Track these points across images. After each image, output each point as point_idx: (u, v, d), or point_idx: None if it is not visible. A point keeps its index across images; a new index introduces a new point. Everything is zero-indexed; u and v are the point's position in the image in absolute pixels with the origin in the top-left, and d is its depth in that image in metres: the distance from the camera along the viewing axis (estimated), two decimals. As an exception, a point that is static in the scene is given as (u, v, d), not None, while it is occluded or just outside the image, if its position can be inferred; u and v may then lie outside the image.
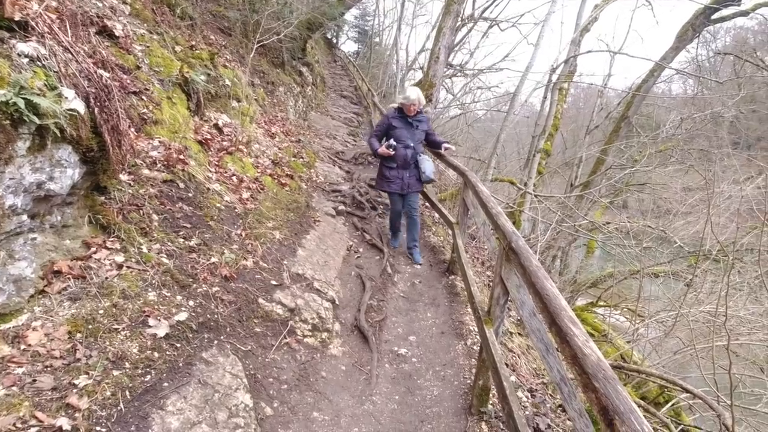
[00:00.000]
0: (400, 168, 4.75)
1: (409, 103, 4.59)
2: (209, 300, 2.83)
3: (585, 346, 1.37)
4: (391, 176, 4.77)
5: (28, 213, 2.13)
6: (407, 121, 4.72)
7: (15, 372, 1.86)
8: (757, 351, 5.66)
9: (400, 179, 4.76)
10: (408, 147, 4.70)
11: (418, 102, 4.63)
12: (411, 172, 4.80)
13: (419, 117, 4.78)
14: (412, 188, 4.84)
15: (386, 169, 4.80)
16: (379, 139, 4.81)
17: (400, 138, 4.67)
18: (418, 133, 4.76)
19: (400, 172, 4.76)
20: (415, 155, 4.79)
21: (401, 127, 4.70)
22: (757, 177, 7.52)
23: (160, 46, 4.55)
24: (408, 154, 4.72)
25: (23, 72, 2.06)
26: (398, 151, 4.68)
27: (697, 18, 9.67)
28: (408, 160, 4.74)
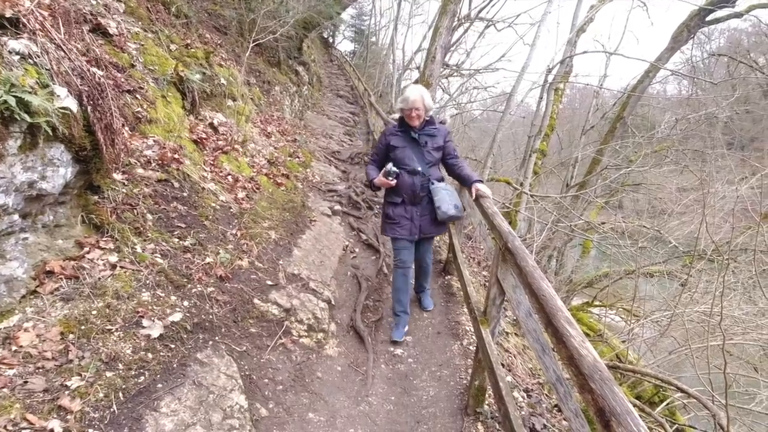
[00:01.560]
0: (407, 204, 3.34)
1: (409, 106, 3.16)
2: (204, 300, 2.81)
3: (581, 347, 1.36)
4: (396, 216, 3.35)
5: (19, 212, 2.11)
6: (411, 137, 3.28)
7: (6, 374, 1.84)
8: (751, 350, 5.69)
9: (408, 220, 3.35)
10: (414, 173, 3.26)
11: (423, 105, 3.18)
12: (424, 208, 3.36)
13: (429, 129, 3.31)
14: (427, 232, 3.42)
15: (389, 206, 3.41)
16: (379, 165, 3.38)
17: (402, 161, 3.27)
18: (428, 152, 3.30)
19: (408, 210, 3.35)
20: (427, 184, 3.32)
21: (403, 145, 3.30)
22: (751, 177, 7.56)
23: (154, 44, 4.52)
24: (416, 183, 3.27)
25: (14, 69, 2.04)
26: (401, 180, 3.26)
27: (692, 19, 9.73)
28: (417, 192, 3.29)
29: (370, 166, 3.44)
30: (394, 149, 3.30)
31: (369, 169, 3.43)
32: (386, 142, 3.35)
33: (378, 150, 3.44)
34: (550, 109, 10.34)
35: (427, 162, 3.29)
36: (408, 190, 3.29)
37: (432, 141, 3.31)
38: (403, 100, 3.21)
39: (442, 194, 3.28)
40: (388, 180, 3.20)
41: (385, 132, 3.45)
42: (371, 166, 3.44)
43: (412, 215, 3.35)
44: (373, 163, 3.44)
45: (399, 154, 3.28)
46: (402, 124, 3.32)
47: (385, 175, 3.19)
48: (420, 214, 3.36)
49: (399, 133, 3.32)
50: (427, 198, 3.34)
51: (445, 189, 3.32)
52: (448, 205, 3.26)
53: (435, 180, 3.34)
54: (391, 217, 3.38)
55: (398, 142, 3.30)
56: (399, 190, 3.31)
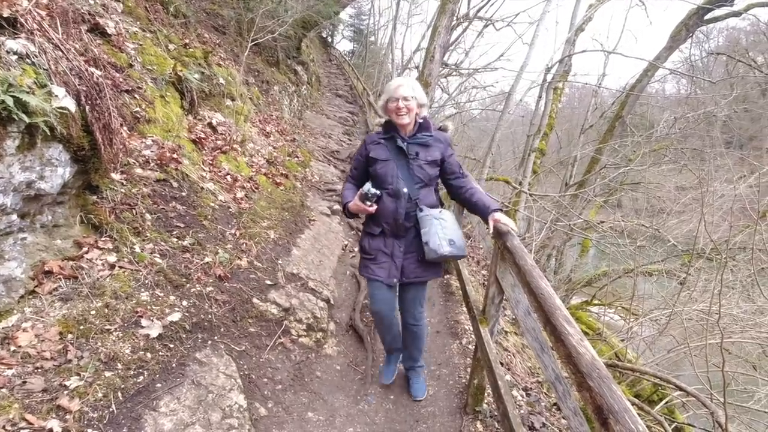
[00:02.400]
0: (388, 235, 2.53)
1: (395, 95, 2.39)
2: (203, 300, 2.81)
3: (579, 345, 1.37)
4: (372, 250, 2.57)
5: (17, 212, 2.11)
6: (397, 146, 2.46)
7: (5, 374, 1.84)
8: (749, 349, 5.71)
9: (387, 257, 2.54)
10: (397, 195, 2.44)
11: (414, 98, 2.41)
12: (410, 243, 2.53)
13: (422, 137, 2.48)
14: (412, 275, 2.56)
15: (365, 237, 2.62)
16: (359, 183, 2.61)
17: (383, 179, 2.46)
18: (418, 167, 2.46)
19: (388, 244, 2.54)
20: (415, 211, 2.48)
21: (386, 158, 2.47)
22: (750, 176, 7.58)
23: (153, 44, 4.51)
24: (399, 209, 2.45)
25: (12, 69, 2.03)
26: (382, 204, 2.46)
27: (691, 18, 9.73)
28: (400, 221, 2.46)
29: (347, 185, 2.64)
30: (374, 163, 2.48)
31: (345, 189, 2.63)
32: (365, 153, 2.53)
33: (356, 164, 2.62)
34: (549, 108, 10.34)
35: (416, 181, 2.43)
36: (389, 218, 2.45)
37: (425, 152, 2.44)
38: (385, 90, 2.46)
39: (432, 225, 2.40)
40: (364, 205, 2.38)
41: (365, 140, 2.61)
42: (348, 184, 2.64)
43: (393, 251, 2.51)
44: (351, 181, 2.65)
45: (380, 170, 2.45)
46: (387, 129, 2.50)
47: (362, 199, 2.37)
48: (404, 250, 2.51)
49: (382, 142, 2.48)
50: (415, 230, 2.49)
51: (437, 218, 2.42)
52: (440, 241, 2.37)
53: (426, 206, 2.46)
54: (367, 252, 2.57)
55: (380, 154, 2.46)
56: (378, 218, 2.48)
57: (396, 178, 2.44)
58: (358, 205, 2.42)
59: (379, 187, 2.44)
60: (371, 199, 2.38)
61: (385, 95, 2.45)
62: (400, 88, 2.38)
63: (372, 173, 2.52)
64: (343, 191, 2.65)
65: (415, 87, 2.44)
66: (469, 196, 2.52)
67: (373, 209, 2.41)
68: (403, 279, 2.55)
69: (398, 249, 2.53)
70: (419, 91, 2.45)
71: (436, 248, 2.38)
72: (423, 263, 2.53)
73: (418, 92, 2.44)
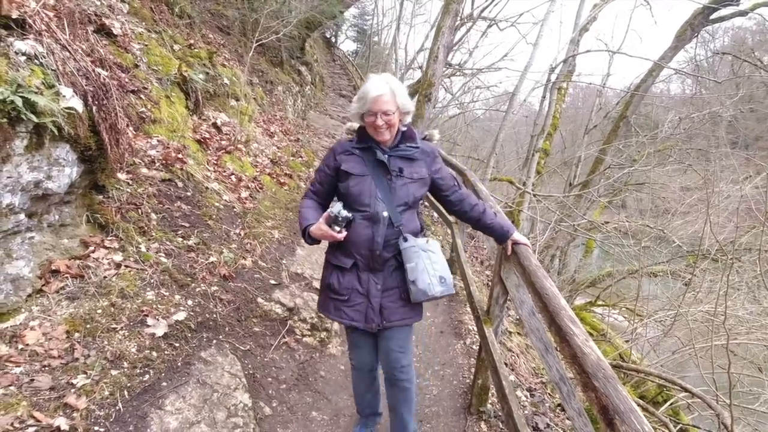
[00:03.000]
0: (362, 269, 2.00)
1: (373, 107, 1.88)
2: (208, 299, 2.82)
3: (584, 346, 1.36)
4: (342, 289, 2.02)
5: (25, 212, 2.13)
6: (375, 160, 1.97)
7: (13, 371, 1.85)
8: (755, 350, 5.68)
9: (362, 296, 2.01)
10: (375, 219, 1.95)
11: (395, 104, 1.91)
12: (389, 278, 2.02)
13: (406, 149, 2.00)
14: (393, 318, 2.03)
15: (333, 271, 2.06)
16: (322, 201, 2.11)
17: (357, 199, 1.96)
18: (402, 186, 1.97)
19: (363, 280, 2.01)
20: (396, 239, 1.99)
21: (362, 172, 1.98)
22: (756, 176, 7.54)
23: (158, 44, 4.54)
24: (377, 238, 1.95)
25: (21, 70, 2.05)
26: (354, 231, 1.95)
27: (696, 18, 9.68)
28: (378, 252, 1.96)
29: (308, 202, 2.08)
30: (346, 178, 1.96)
31: (304, 208, 2.05)
32: (334, 164, 2.00)
33: (321, 177, 2.05)
34: (553, 109, 10.32)
35: (398, 204, 1.94)
36: (364, 249, 1.93)
37: (410, 168, 1.97)
38: (360, 96, 1.91)
39: (420, 260, 1.93)
40: (332, 230, 1.85)
41: (334, 149, 2.05)
42: (309, 201, 2.08)
43: (369, 289, 1.97)
44: (313, 198, 2.09)
45: (354, 188, 1.93)
46: (362, 137, 1.99)
47: (329, 222, 1.86)
48: (382, 287, 1.98)
49: (356, 153, 1.98)
50: (396, 262, 1.99)
51: (425, 250, 1.95)
52: (430, 279, 1.92)
53: (409, 233, 1.97)
54: (335, 290, 2.01)
55: (354, 167, 1.95)
56: (349, 248, 1.95)
57: (374, 199, 1.92)
58: (324, 230, 1.86)
59: (351, 208, 1.92)
60: (341, 224, 1.85)
61: (361, 104, 1.89)
62: (381, 99, 1.85)
63: (343, 191, 1.98)
64: (301, 210, 2.04)
65: (399, 92, 1.90)
66: (477, 214, 2.16)
67: (343, 236, 1.87)
68: (384, 323, 2.00)
69: (375, 286, 1.97)
70: (403, 97, 1.91)
71: (426, 289, 1.91)
72: (406, 302, 2.02)
73: (402, 99, 1.91)
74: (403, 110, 1.94)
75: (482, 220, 2.16)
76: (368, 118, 1.90)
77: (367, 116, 1.90)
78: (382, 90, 1.87)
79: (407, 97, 1.95)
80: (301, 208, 2.07)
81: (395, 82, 1.95)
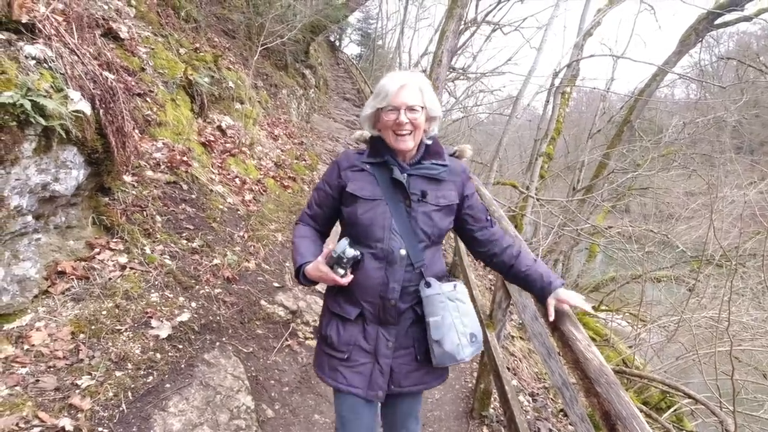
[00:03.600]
0: (369, 322, 1.52)
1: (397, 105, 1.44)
2: (211, 302, 2.84)
3: (587, 351, 1.37)
4: (343, 345, 1.54)
5: (33, 214, 2.15)
6: (392, 178, 1.50)
7: (18, 372, 1.87)
8: (759, 357, 5.64)
9: (368, 356, 1.53)
10: (391, 258, 1.48)
11: (423, 107, 1.48)
12: (404, 335, 1.54)
13: (431, 166, 1.54)
14: (406, 383, 1.57)
15: (332, 321, 1.58)
16: (322, 229, 1.73)
17: (368, 230, 1.50)
18: (424, 214, 1.51)
19: (370, 335, 1.52)
20: (416, 285, 1.52)
21: (373, 195, 1.51)
22: (760, 182, 7.51)
23: (164, 48, 4.58)
24: (392, 282, 1.48)
25: (30, 74, 2.08)
26: (363, 273, 1.49)
27: (701, 23, 9.67)
28: (392, 300, 1.49)
29: (302, 230, 1.65)
30: (352, 202, 1.52)
31: (299, 237, 1.63)
32: (338, 183, 1.56)
33: (320, 198, 1.63)
34: (557, 113, 10.32)
35: (420, 237, 1.50)
36: (373, 296, 1.49)
37: (436, 191, 1.52)
38: (377, 92, 1.50)
39: (446, 312, 1.48)
40: (334, 273, 1.44)
41: (339, 162, 1.60)
42: (304, 229, 1.66)
43: (378, 347, 1.52)
44: (309, 224, 1.68)
45: (363, 216, 1.49)
46: (376, 149, 1.54)
47: (332, 263, 1.44)
48: (394, 345, 1.52)
49: (366, 169, 1.54)
50: (414, 314, 1.54)
51: (453, 299, 1.50)
52: (459, 338, 1.48)
53: (433, 277, 1.53)
54: (332, 345, 1.55)
55: (364, 188, 1.51)
56: (355, 293, 1.51)
57: (388, 231, 1.47)
58: (323, 272, 1.44)
59: (358, 242, 1.49)
60: (346, 265, 1.43)
61: (378, 98, 1.48)
62: (405, 90, 1.44)
63: (348, 219, 1.53)
64: (295, 241, 1.61)
65: (426, 89, 1.49)
66: (510, 259, 1.60)
67: (348, 280, 1.45)
68: (392, 388, 1.54)
69: (386, 344, 1.51)
70: (431, 98, 1.50)
71: (455, 351, 1.47)
72: (423, 364, 1.55)
73: (430, 97, 1.49)
74: (430, 113, 1.52)
75: (516, 265, 1.59)
76: (387, 116, 1.46)
77: (386, 113, 1.46)
78: (406, 80, 1.47)
79: (436, 100, 1.53)
80: (295, 239, 1.61)
81: (423, 78, 1.54)
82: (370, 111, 1.52)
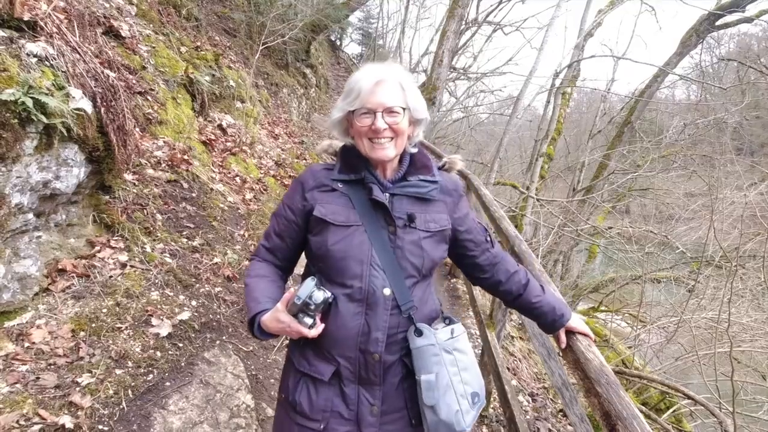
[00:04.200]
0: (347, 381, 1.15)
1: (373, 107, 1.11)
2: (212, 300, 2.84)
3: (587, 351, 1.37)
4: (315, 412, 1.16)
5: (33, 211, 2.15)
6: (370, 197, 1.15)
7: (19, 369, 1.87)
8: (759, 358, 5.64)
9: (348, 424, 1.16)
10: (371, 301, 1.13)
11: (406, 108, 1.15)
12: (389, 395, 1.18)
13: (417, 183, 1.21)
14: None
15: (303, 384, 1.19)
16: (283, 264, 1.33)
17: (344, 266, 1.14)
18: (412, 243, 1.16)
19: (350, 399, 1.15)
20: (404, 332, 1.17)
21: (348, 221, 1.15)
22: (761, 183, 7.51)
23: (165, 46, 4.58)
24: (373, 333, 1.13)
25: (32, 72, 2.08)
26: (337, 320, 1.13)
27: (701, 24, 9.68)
28: (375, 354, 1.13)
29: (257, 267, 1.30)
30: (321, 230, 1.18)
31: (253, 276, 1.27)
32: (304, 207, 1.22)
33: (280, 226, 1.28)
34: (558, 113, 10.32)
35: (409, 272, 1.18)
36: (350, 348, 1.14)
37: (425, 214, 1.21)
38: (350, 90, 1.16)
39: (442, 369, 1.15)
40: (299, 323, 1.09)
41: (303, 181, 1.26)
42: (259, 265, 1.31)
43: (360, 413, 1.16)
44: (267, 258, 1.32)
45: (335, 247, 1.15)
46: (349, 163, 1.22)
47: (295, 309, 1.08)
48: (380, 409, 1.18)
49: (339, 188, 1.21)
50: (402, 368, 1.20)
51: (449, 351, 1.18)
52: (458, 403, 1.15)
53: (425, 320, 1.21)
54: (306, 414, 1.18)
55: (336, 212, 1.18)
56: (328, 347, 1.16)
57: (368, 266, 1.14)
58: (285, 322, 1.10)
59: (330, 281, 1.17)
60: (314, 312, 1.10)
61: (349, 98, 1.16)
62: (382, 88, 1.13)
63: (316, 251, 1.19)
64: (248, 281, 1.26)
65: (408, 87, 1.17)
66: (517, 287, 1.34)
67: (318, 332, 1.12)
68: None
69: (369, 409, 1.17)
70: (415, 96, 1.18)
71: (453, 420, 1.14)
72: (421, 429, 1.22)
73: (414, 98, 1.18)
74: (414, 115, 1.19)
75: (524, 296, 1.34)
76: (360, 121, 1.14)
77: (359, 117, 1.14)
78: (383, 75, 1.14)
79: (420, 98, 1.21)
80: (248, 279, 1.27)
81: (403, 72, 1.19)
82: (340, 115, 1.19)
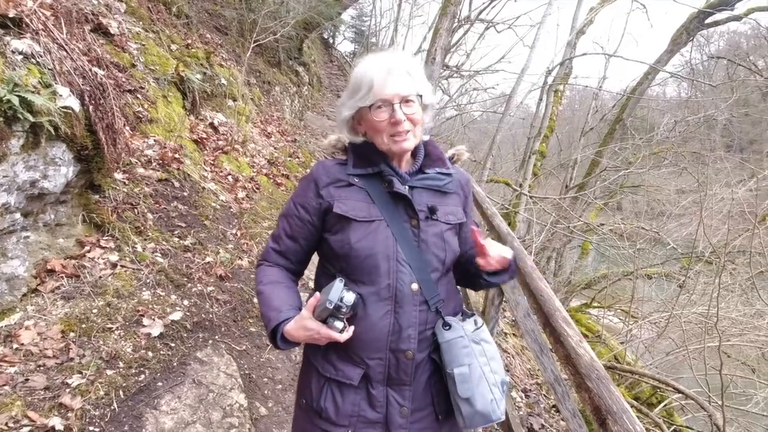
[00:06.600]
0: (377, 385, 1.11)
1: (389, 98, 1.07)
2: (204, 299, 2.82)
3: (578, 347, 1.38)
4: (341, 417, 1.11)
5: (21, 211, 2.12)
6: (391, 191, 1.13)
7: (7, 371, 1.85)
8: (748, 352, 5.72)
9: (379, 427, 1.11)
10: (400, 299, 1.09)
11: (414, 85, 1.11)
12: (419, 394, 1.14)
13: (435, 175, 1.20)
14: None
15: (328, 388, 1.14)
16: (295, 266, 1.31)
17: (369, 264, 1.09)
18: (435, 236, 1.15)
19: (377, 402, 1.11)
20: (431, 328, 1.14)
21: (370, 216, 1.12)
22: (750, 180, 7.61)
23: (155, 44, 4.53)
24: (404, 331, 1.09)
25: (17, 69, 2.05)
26: (365, 322, 1.08)
27: (692, 22, 9.75)
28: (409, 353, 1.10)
29: (270, 273, 1.24)
30: (342, 227, 1.14)
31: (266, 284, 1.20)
32: (321, 205, 1.18)
33: (293, 226, 1.23)
34: (550, 111, 10.36)
35: (434, 266, 1.15)
36: (381, 349, 1.10)
37: (444, 206, 1.20)
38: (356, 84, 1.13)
39: (473, 360, 1.11)
40: (330, 328, 1.03)
41: (317, 176, 1.20)
42: (271, 270, 1.25)
43: (390, 415, 1.12)
44: (279, 262, 1.27)
45: (360, 244, 1.10)
46: (363, 157, 1.19)
47: (325, 314, 1.02)
48: (411, 408, 1.13)
49: (356, 183, 1.16)
50: (430, 365, 1.16)
51: (477, 341, 1.13)
52: (490, 392, 1.10)
53: (450, 314, 1.18)
54: (332, 420, 1.12)
55: (356, 208, 1.13)
56: (356, 350, 1.11)
57: (395, 262, 1.11)
58: (313, 329, 1.05)
59: (353, 281, 1.11)
60: (344, 316, 1.04)
61: (359, 94, 1.12)
62: (394, 78, 1.09)
63: (338, 250, 1.14)
64: (261, 288, 1.20)
65: (415, 71, 1.14)
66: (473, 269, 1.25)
67: (349, 335, 1.06)
68: None
69: (399, 411, 1.12)
70: (422, 79, 1.16)
71: (489, 410, 1.09)
72: (445, 424, 1.19)
73: (422, 81, 1.15)
74: (425, 101, 1.16)
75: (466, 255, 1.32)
76: (377, 115, 1.10)
77: (375, 111, 1.10)
78: (392, 63, 1.10)
79: (428, 83, 1.18)
80: (261, 286, 1.20)
81: (408, 58, 1.17)
82: (350, 113, 1.15)
